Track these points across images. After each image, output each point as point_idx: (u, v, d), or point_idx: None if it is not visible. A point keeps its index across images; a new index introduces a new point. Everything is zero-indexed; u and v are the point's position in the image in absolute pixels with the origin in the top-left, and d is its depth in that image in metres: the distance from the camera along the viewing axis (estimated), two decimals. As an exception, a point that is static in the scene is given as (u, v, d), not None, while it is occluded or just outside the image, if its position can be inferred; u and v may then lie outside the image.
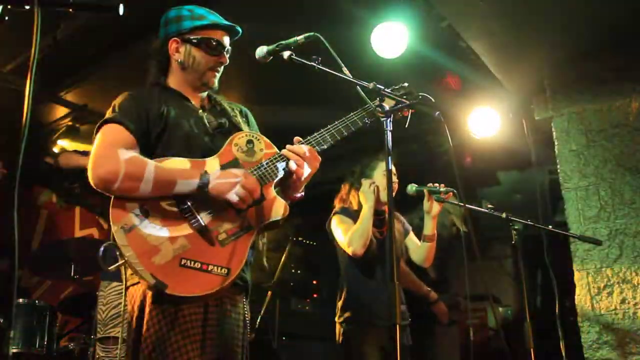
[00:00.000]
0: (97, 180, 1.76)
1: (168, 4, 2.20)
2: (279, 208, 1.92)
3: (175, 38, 2.05)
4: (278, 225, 1.95)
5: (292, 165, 1.92)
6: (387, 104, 1.86)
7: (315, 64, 1.91)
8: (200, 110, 2.07)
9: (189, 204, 1.81)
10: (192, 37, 2.04)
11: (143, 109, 1.93)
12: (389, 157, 1.74)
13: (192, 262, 1.74)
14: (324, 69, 1.91)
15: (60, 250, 4.17)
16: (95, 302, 3.83)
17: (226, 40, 2.09)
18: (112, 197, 1.78)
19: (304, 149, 1.95)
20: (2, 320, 3.67)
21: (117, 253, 1.75)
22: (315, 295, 6.46)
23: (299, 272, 6.24)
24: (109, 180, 1.75)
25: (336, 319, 3.17)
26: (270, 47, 2.00)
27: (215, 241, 1.79)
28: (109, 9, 1.30)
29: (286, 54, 1.96)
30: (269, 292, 4.83)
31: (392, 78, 2.24)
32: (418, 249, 3.29)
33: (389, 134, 1.76)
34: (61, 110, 5.50)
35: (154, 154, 1.90)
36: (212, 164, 1.90)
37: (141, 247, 1.71)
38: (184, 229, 1.78)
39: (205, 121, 2.03)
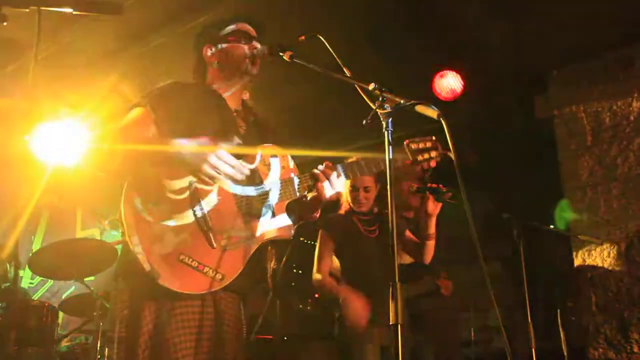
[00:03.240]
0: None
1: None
2: (285, 228, 1.98)
3: (207, 44, 2.15)
4: (282, 242, 2.00)
5: (323, 184, 1.98)
6: (389, 105, 1.86)
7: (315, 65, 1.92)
8: (235, 114, 2.11)
9: (194, 186, 1.83)
10: (221, 35, 2.14)
11: (176, 101, 1.96)
12: (390, 157, 1.73)
13: (190, 260, 1.75)
14: (324, 69, 1.91)
15: (62, 251, 4.17)
16: (96, 302, 3.85)
17: (253, 32, 2.16)
18: (125, 183, 1.78)
19: (336, 172, 2.01)
20: (4, 320, 3.69)
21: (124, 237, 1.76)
22: (316, 295, 6.44)
23: (300, 272, 6.24)
24: (111, 157, 1.82)
25: (338, 318, 3.17)
26: (271, 46, 2.01)
27: (217, 244, 1.80)
28: (112, 11, 1.30)
29: (287, 54, 1.97)
30: (271, 292, 4.83)
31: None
32: (418, 247, 3.30)
33: (389, 135, 1.76)
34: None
35: None
36: None
37: (145, 233, 1.73)
38: (188, 219, 1.79)
39: (237, 124, 2.08)
